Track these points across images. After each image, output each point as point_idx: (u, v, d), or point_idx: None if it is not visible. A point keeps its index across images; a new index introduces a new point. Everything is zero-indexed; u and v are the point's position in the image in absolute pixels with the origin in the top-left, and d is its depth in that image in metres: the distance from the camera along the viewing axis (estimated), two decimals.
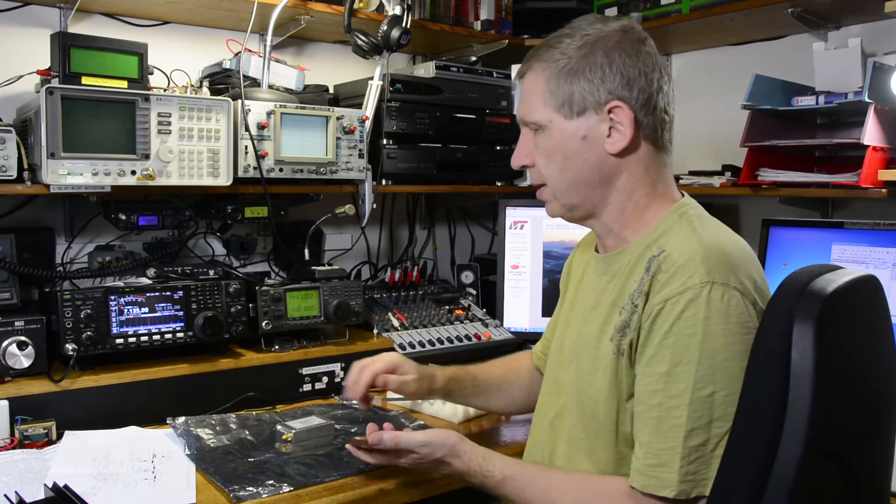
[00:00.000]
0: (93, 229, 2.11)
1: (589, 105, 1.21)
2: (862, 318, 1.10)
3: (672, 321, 1.10)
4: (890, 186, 1.88)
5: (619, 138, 1.21)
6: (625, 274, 1.23)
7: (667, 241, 1.19)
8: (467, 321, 2.32)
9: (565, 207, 1.29)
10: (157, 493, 1.38)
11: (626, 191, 1.25)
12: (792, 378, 0.94)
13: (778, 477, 0.94)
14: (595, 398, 1.23)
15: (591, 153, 1.23)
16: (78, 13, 2.01)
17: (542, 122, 1.24)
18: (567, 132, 1.23)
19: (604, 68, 1.20)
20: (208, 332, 1.80)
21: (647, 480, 1.10)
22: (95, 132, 1.67)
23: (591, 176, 1.24)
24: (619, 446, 1.21)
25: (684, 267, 1.12)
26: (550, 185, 1.28)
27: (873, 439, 1.11)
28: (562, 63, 1.22)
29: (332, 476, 1.47)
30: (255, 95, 1.94)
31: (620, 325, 1.19)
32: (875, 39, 2.14)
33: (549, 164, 1.26)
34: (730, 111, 2.20)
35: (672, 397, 1.09)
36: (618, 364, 1.19)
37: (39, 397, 1.62)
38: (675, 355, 1.09)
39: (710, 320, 1.08)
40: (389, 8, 2.12)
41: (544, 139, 1.26)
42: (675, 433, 1.08)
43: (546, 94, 1.23)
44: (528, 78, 1.27)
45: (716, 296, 1.09)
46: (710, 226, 1.22)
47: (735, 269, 1.12)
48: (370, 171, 2.16)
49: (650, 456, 1.10)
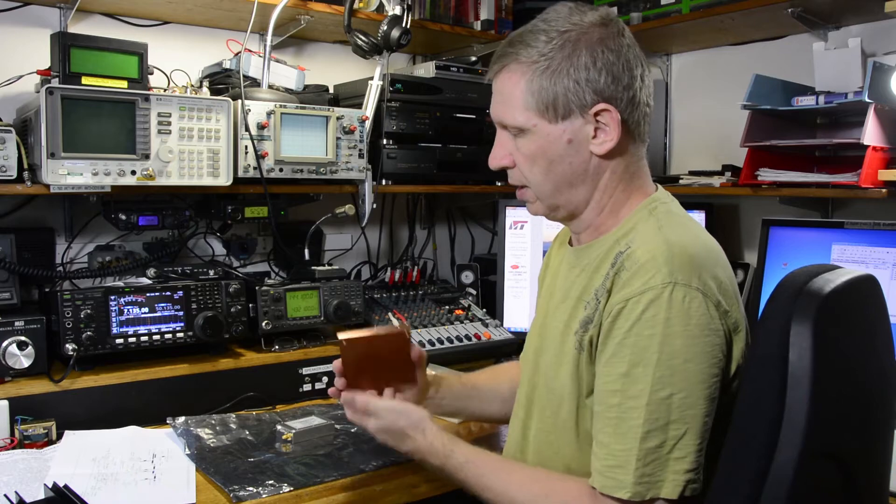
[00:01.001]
0: (93, 229, 2.11)
1: (574, 108, 1.16)
2: (860, 317, 1.10)
3: (633, 321, 1.09)
4: (890, 186, 1.88)
5: (606, 140, 1.18)
6: (592, 268, 1.22)
7: (633, 237, 1.18)
8: (467, 321, 2.32)
9: (548, 208, 1.26)
10: (157, 493, 1.38)
11: (608, 189, 1.23)
12: (790, 378, 0.94)
13: (776, 477, 0.94)
14: (559, 393, 1.22)
15: (576, 156, 1.19)
16: (78, 13, 2.01)
17: (525, 125, 1.20)
18: (551, 136, 1.18)
19: (588, 68, 1.15)
20: (208, 332, 1.81)
21: (605, 481, 1.09)
22: (95, 132, 1.67)
23: (574, 178, 1.21)
24: (581, 442, 1.20)
25: (646, 266, 1.10)
26: (534, 188, 1.24)
27: (871, 439, 1.11)
28: (542, 64, 1.16)
29: (332, 476, 1.47)
30: (255, 95, 1.94)
31: (584, 320, 1.18)
32: (875, 39, 2.13)
33: (533, 167, 1.22)
34: (730, 111, 2.20)
35: (630, 398, 1.08)
36: (579, 359, 1.18)
37: (39, 397, 1.62)
38: (634, 356, 1.08)
39: (670, 322, 1.06)
40: (389, 8, 2.12)
41: (526, 142, 1.21)
42: (632, 434, 1.07)
43: (527, 96, 1.18)
44: (505, 78, 1.22)
45: (677, 297, 1.07)
46: (678, 223, 1.19)
47: (698, 269, 1.10)
48: (370, 171, 2.16)
49: (609, 457, 1.09)
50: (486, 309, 2.45)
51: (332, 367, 1.41)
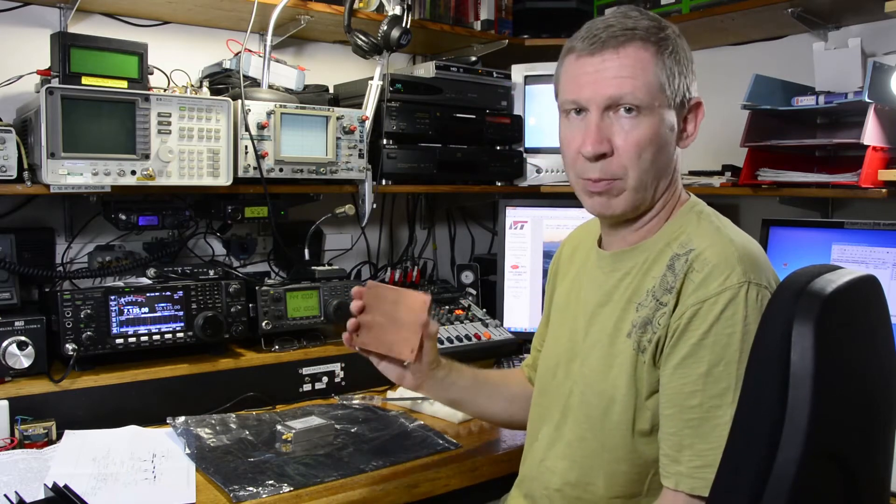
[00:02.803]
0: (93, 229, 2.11)
1: (685, 96, 1.19)
2: (862, 318, 1.10)
3: (711, 321, 1.09)
4: (890, 186, 1.88)
5: (692, 134, 1.21)
6: (642, 270, 1.21)
7: (690, 239, 1.18)
8: (467, 321, 2.32)
9: (634, 204, 1.20)
10: (157, 493, 1.38)
11: (672, 187, 1.24)
12: (791, 378, 0.94)
13: (777, 477, 0.93)
14: (609, 395, 1.20)
15: (671, 146, 1.20)
16: (78, 13, 2.01)
17: (650, 104, 1.15)
18: (665, 121, 1.17)
19: (692, 62, 1.19)
20: (208, 332, 1.81)
21: (696, 482, 1.09)
22: (95, 132, 1.67)
23: (667, 170, 1.21)
24: (635, 442, 1.19)
25: (719, 267, 1.11)
26: (632, 177, 1.17)
27: (873, 440, 1.11)
28: (669, 47, 1.16)
29: (332, 476, 1.47)
30: (255, 95, 1.94)
31: (641, 321, 1.17)
32: (875, 39, 2.13)
33: (643, 153, 1.16)
34: (730, 111, 2.20)
35: (713, 397, 1.08)
36: (637, 361, 1.17)
37: (39, 397, 1.62)
38: (714, 355, 1.09)
39: (747, 319, 1.08)
40: (389, 8, 2.12)
41: (640, 125, 1.15)
42: (720, 433, 1.07)
43: (659, 74, 1.15)
44: (633, 51, 1.15)
45: (752, 295, 1.09)
46: (729, 225, 1.22)
47: (764, 268, 1.13)
48: (370, 171, 2.16)
49: (695, 458, 1.09)
50: (486, 309, 2.45)
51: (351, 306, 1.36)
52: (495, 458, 1.63)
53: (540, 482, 1.30)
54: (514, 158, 2.48)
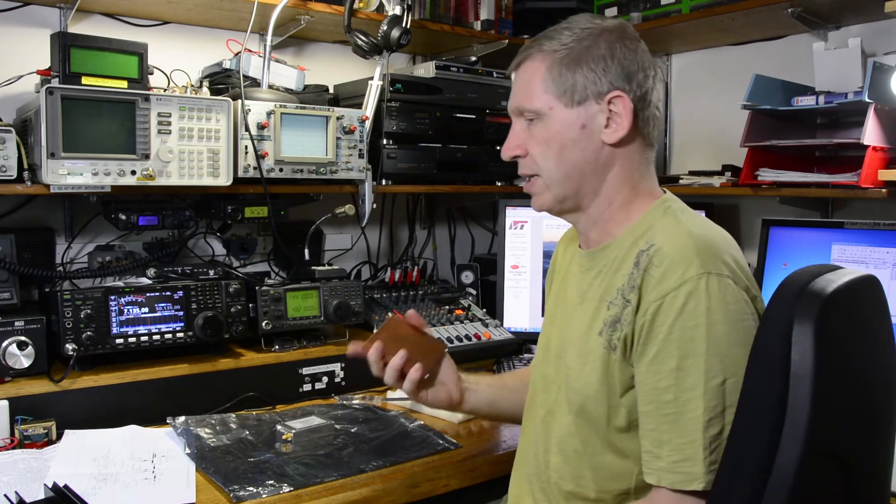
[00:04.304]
0: (93, 229, 2.11)
1: (590, 94, 1.22)
2: (862, 318, 1.10)
3: (674, 316, 1.10)
4: (890, 186, 1.88)
5: (617, 128, 1.22)
6: (612, 269, 1.24)
7: (654, 234, 1.20)
8: (467, 321, 2.32)
9: (556, 199, 1.28)
10: (157, 493, 1.38)
11: (616, 183, 1.26)
12: (791, 378, 0.94)
13: (778, 477, 0.94)
14: (583, 393, 1.22)
15: (588, 143, 1.23)
16: (78, 13, 2.01)
17: (542, 109, 1.24)
18: (567, 120, 1.23)
19: (606, 59, 1.21)
20: (208, 332, 1.81)
21: (675, 477, 1.10)
22: (95, 132, 1.67)
23: (585, 166, 1.24)
24: (611, 438, 1.21)
25: (677, 260, 1.13)
26: (544, 176, 1.27)
27: (873, 439, 1.11)
28: (563, 52, 1.23)
29: (332, 476, 1.47)
30: (255, 95, 1.94)
31: (611, 319, 1.19)
32: (875, 39, 2.14)
33: (546, 152, 1.25)
34: (730, 111, 2.20)
35: (686, 391, 1.09)
36: (609, 359, 1.19)
37: (39, 397, 1.62)
38: (682, 349, 1.10)
39: (711, 310, 1.09)
40: (389, 8, 2.12)
41: (541, 128, 1.25)
42: (694, 425, 1.08)
43: (548, 81, 1.23)
44: (527, 66, 1.27)
45: (713, 286, 1.10)
46: (693, 218, 1.24)
47: (725, 257, 1.14)
48: (370, 171, 2.16)
49: (673, 452, 1.10)
50: (486, 309, 2.45)
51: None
52: (495, 458, 1.63)
53: (538, 476, 1.32)
54: None
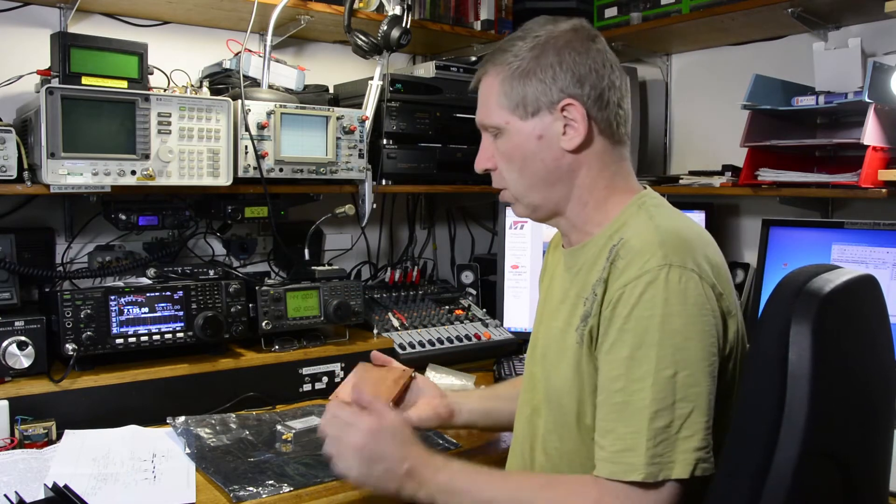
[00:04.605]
0: (93, 229, 2.11)
1: (542, 105, 1.22)
2: (860, 318, 1.10)
3: (632, 305, 1.10)
4: (890, 186, 1.88)
5: (574, 135, 1.22)
6: (589, 266, 1.24)
7: (626, 230, 1.20)
8: (467, 321, 2.32)
9: (529, 208, 1.30)
10: (157, 493, 1.38)
11: (586, 186, 1.26)
12: (789, 378, 0.94)
13: (776, 477, 0.94)
14: (560, 390, 1.23)
15: (547, 152, 1.24)
16: (78, 13, 2.01)
17: (500, 124, 1.26)
18: (523, 133, 1.24)
19: (554, 67, 1.21)
20: (208, 332, 1.81)
21: (614, 467, 1.08)
22: (95, 132, 1.67)
23: (549, 175, 1.25)
24: (583, 437, 1.20)
25: (641, 252, 1.13)
26: (511, 188, 1.29)
27: (871, 439, 1.11)
28: (514, 65, 1.23)
29: (332, 476, 1.47)
30: (255, 95, 1.94)
31: (583, 314, 1.20)
32: (875, 39, 2.14)
33: (510, 166, 1.27)
34: (730, 111, 2.20)
35: (635, 381, 1.08)
36: (580, 353, 1.19)
37: (39, 397, 1.62)
38: (636, 338, 1.09)
39: (668, 302, 1.08)
40: (389, 8, 2.12)
41: (503, 142, 1.27)
42: (640, 416, 1.07)
43: (501, 96, 1.25)
44: (484, 82, 1.28)
45: (673, 278, 1.09)
46: (667, 213, 1.23)
47: (692, 251, 1.13)
48: (370, 171, 2.16)
49: (617, 441, 1.09)
50: (486, 309, 2.45)
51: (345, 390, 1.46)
52: (495, 458, 1.63)
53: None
54: None
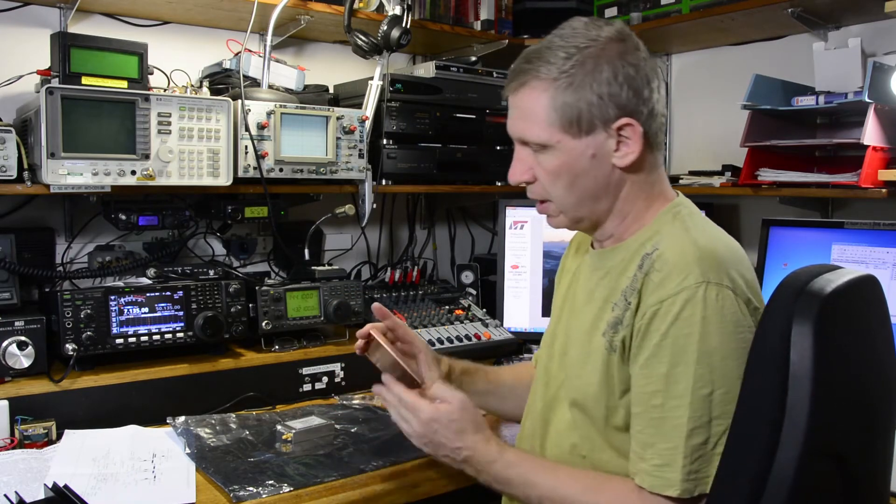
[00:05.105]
0: (93, 229, 2.11)
1: (598, 122, 1.17)
2: (861, 318, 1.10)
3: (669, 322, 1.11)
4: (890, 186, 1.88)
5: (628, 152, 1.19)
6: (619, 270, 1.24)
7: (660, 239, 1.20)
8: (467, 321, 2.32)
9: (573, 221, 1.27)
10: (157, 493, 1.38)
11: (629, 198, 1.25)
12: (791, 378, 0.94)
13: (777, 477, 0.94)
14: (584, 391, 1.23)
15: (599, 169, 1.21)
16: (78, 13, 2.01)
17: (549, 142, 1.19)
18: (575, 151, 1.19)
19: (610, 83, 1.16)
20: (208, 332, 1.81)
21: (654, 480, 1.11)
22: (95, 132, 1.67)
23: (598, 191, 1.22)
24: (610, 435, 1.22)
25: (678, 267, 1.13)
26: (557, 202, 1.25)
27: (872, 439, 1.11)
28: (564, 80, 1.16)
29: (332, 476, 1.47)
30: (255, 95, 1.94)
31: (613, 321, 1.20)
32: (875, 39, 2.13)
33: (556, 182, 1.22)
34: (730, 111, 2.20)
35: (673, 397, 1.10)
36: (609, 360, 1.19)
37: (39, 397, 1.62)
38: (673, 356, 1.10)
39: (706, 320, 1.09)
40: (389, 8, 2.12)
41: (549, 158, 1.21)
42: (678, 433, 1.09)
43: (550, 112, 1.18)
44: (526, 94, 1.21)
45: (711, 295, 1.10)
46: (702, 226, 1.23)
47: (727, 268, 1.13)
48: (370, 171, 2.16)
49: (655, 456, 1.11)
50: (486, 309, 2.45)
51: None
52: None
53: None
54: None
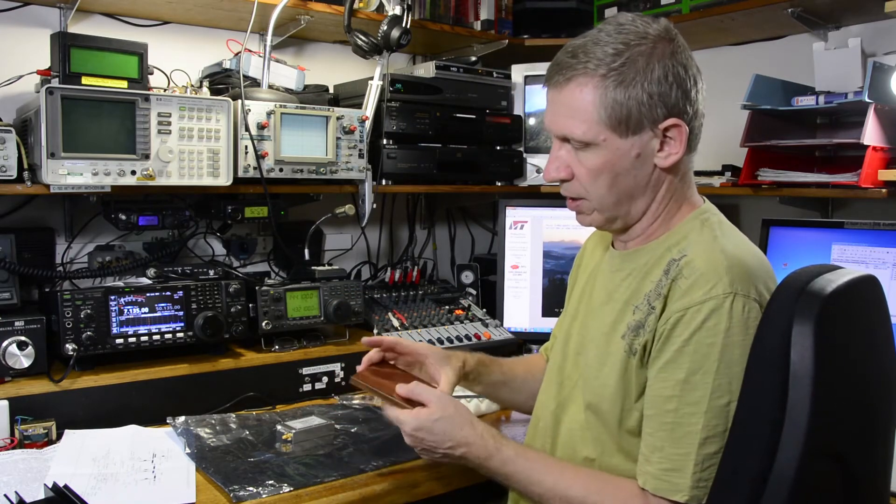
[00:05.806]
0: (93, 229, 2.11)
1: (646, 122, 1.16)
2: (861, 318, 1.10)
3: (693, 329, 1.10)
4: (890, 186, 1.87)
5: (671, 153, 1.18)
6: (642, 273, 1.23)
7: (688, 245, 1.19)
8: (467, 321, 2.32)
9: (606, 221, 1.26)
10: (156, 493, 1.38)
11: (664, 199, 1.24)
12: (791, 378, 0.95)
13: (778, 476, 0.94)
14: (600, 392, 1.23)
15: (641, 169, 1.19)
16: (78, 13, 2.01)
17: (594, 140, 1.17)
18: (621, 150, 1.17)
19: (661, 82, 1.14)
20: (208, 332, 1.80)
21: (660, 484, 1.11)
22: (95, 132, 1.67)
23: (637, 191, 1.21)
24: (622, 439, 1.22)
25: (706, 275, 1.12)
26: (594, 201, 1.23)
27: (873, 439, 1.11)
28: (614, 76, 1.14)
29: (332, 476, 1.47)
30: (255, 95, 1.94)
31: (634, 324, 1.19)
32: (875, 39, 2.13)
33: (597, 180, 1.20)
34: (730, 111, 2.20)
35: (689, 405, 1.10)
36: (628, 363, 1.19)
37: (39, 397, 1.62)
38: (693, 363, 1.10)
39: (730, 331, 1.09)
40: (389, 8, 2.12)
41: (592, 156, 1.19)
42: (690, 440, 1.09)
43: (599, 109, 1.15)
44: (573, 90, 1.17)
45: (737, 307, 1.09)
46: (731, 234, 1.22)
47: (755, 280, 1.13)
48: (370, 171, 2.16)
49: (664, 460, 1.11)
50: (486, 309, 2.45)
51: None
52: None
53: None
54: (514, 158, 2.48)
